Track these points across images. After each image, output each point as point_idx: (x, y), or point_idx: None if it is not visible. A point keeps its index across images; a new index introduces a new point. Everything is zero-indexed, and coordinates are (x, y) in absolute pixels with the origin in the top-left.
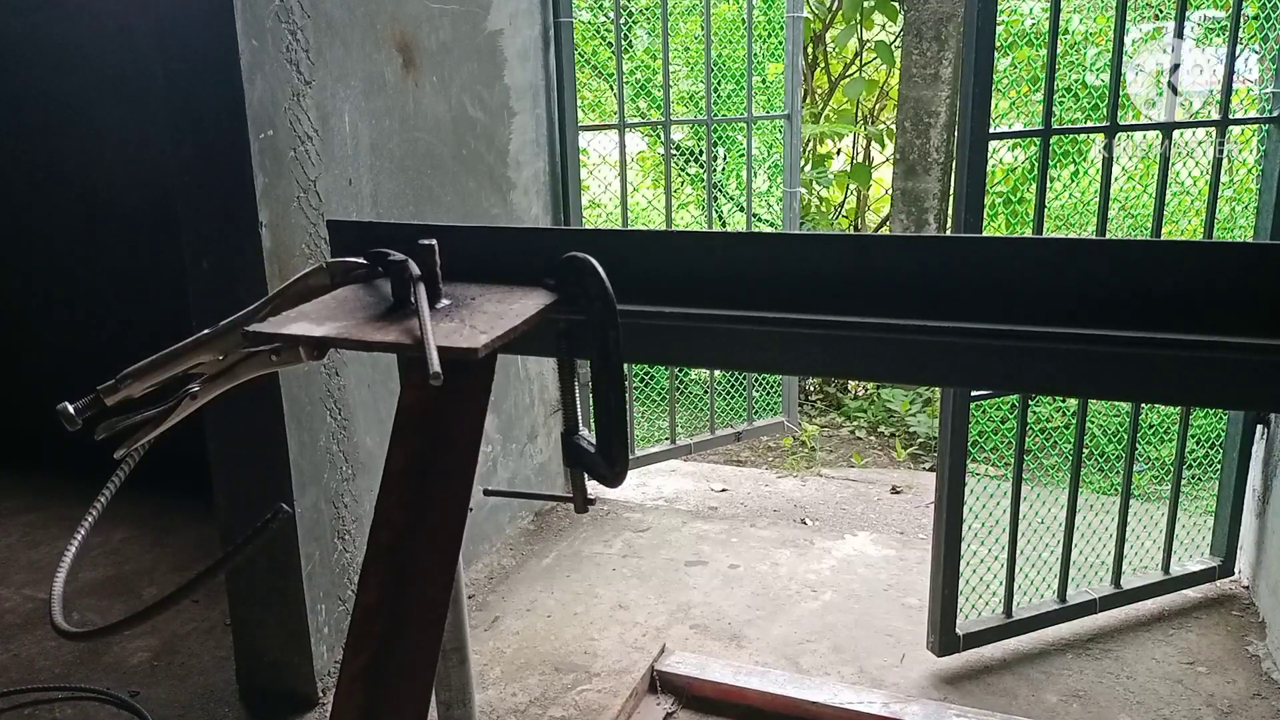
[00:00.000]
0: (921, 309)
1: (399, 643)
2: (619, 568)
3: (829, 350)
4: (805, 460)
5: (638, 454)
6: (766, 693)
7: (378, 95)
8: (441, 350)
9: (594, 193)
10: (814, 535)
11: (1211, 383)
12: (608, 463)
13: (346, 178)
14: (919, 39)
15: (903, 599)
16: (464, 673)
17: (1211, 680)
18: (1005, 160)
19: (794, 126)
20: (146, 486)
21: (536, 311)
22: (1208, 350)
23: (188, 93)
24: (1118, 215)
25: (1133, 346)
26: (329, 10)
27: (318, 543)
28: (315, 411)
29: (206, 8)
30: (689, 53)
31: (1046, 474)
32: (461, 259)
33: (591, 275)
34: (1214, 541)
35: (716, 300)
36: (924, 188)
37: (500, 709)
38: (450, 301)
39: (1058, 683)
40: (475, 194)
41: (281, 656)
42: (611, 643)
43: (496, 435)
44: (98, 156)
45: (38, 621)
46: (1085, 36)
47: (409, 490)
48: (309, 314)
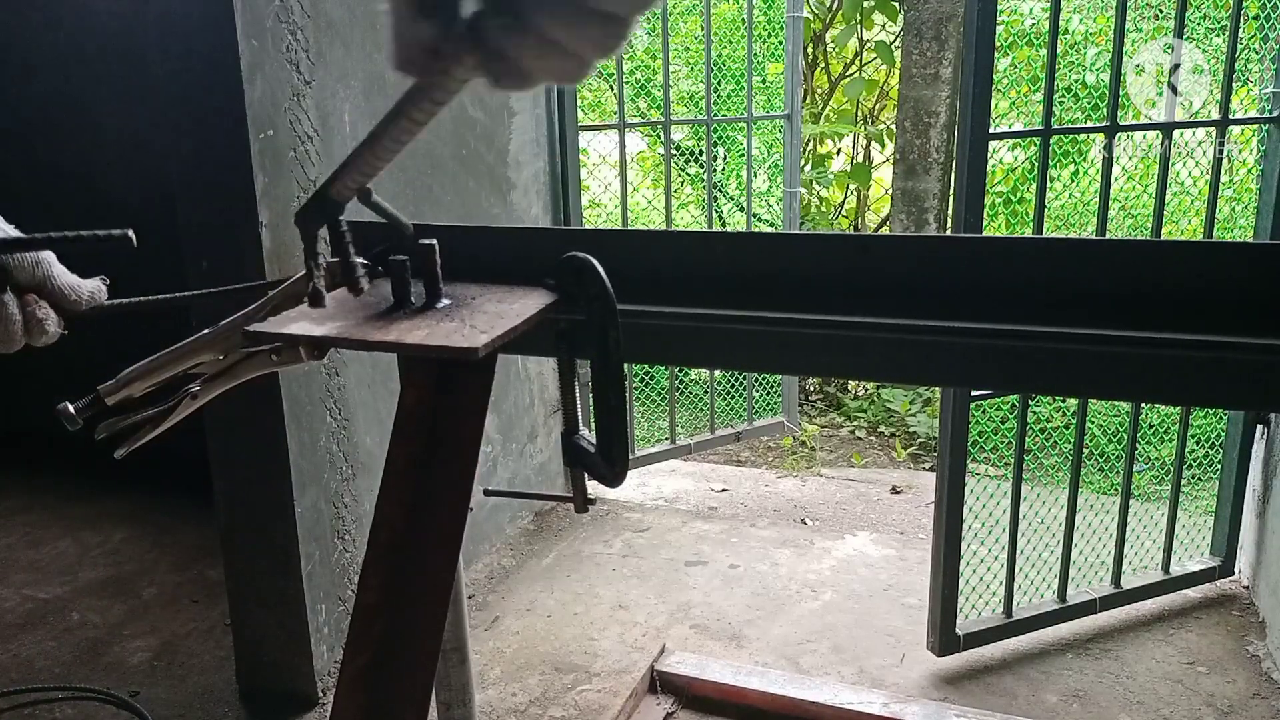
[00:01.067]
0: (922, 309)
1: (399, 643)
2: (619, 568)
3: (829, 350)
4: (805, 460)
5: (638, 454)
6: (767, 693)
7: (378, 95)
8: (441, 350)
9: (594, 193)
10: (814, 535)
11: (1212, 383)
12: (608, 463)
13: None
14: (919, 39)
15: (903, 599)
16: (464, 672)
17: (1211, 680)
18: (1005, 160)
19: (794, 126)
20: (146, 486)
21: (536, 311)
22: (1208, 350)
23: (188, 93)
24: (1118, 215)
25: (1133, 346)
26: (329, 10)
27: (318, 543)
28: (315, 411)
29: (206, 8)
30: (689, 53)
31: (1046, 474)
32: (462, 259)
33: (591, 275)
34: (1214, 541)
35: (717, 300)
36: (924, 188)
37: (500, 709)
38: (450, 301)
39: (1058, 683)
40: (475, 194)
41: (281, 656)
42: (611, 643)
43: (496, 435)
44: (98, 156)
45: (38, 621)
46: (1085, 36)
47: (409, 490)
48: (309, 314)
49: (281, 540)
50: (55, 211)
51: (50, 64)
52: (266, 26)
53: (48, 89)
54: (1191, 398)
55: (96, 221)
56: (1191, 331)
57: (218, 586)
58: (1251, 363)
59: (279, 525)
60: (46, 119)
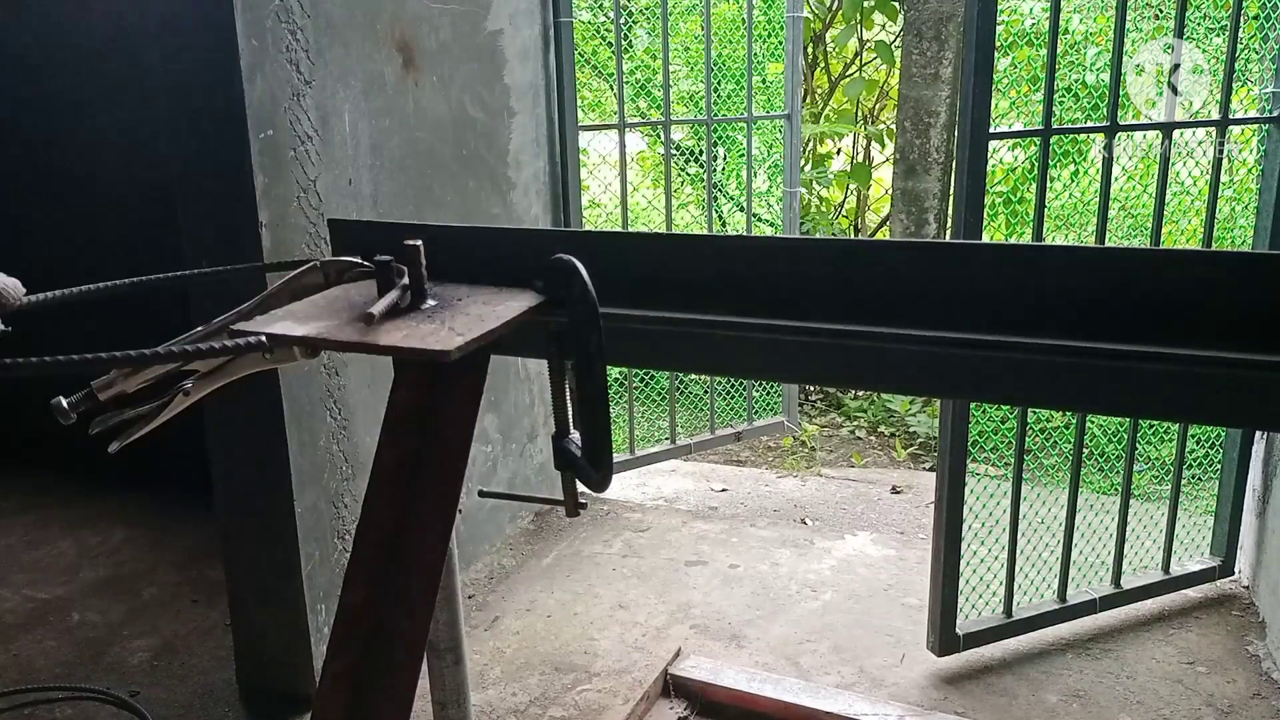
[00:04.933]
0: (911, 317)
1: (384, 642)
2: (619, 568)
3: (817, 358)
4: (805, 460)
5: (638, 454)
6: (781, 700)
7: (378, 95)
8: (414, 352)
9: (594, 193)
10: (814, 535)
11: (1211, 400)
12: (593, 467)
13: (346, 178)
14: (919, 39)
15: (903, 599)
16: (459, 673)
17: (1211, 680)
18: (1005, 160)
19: (794, 126)
20: (146, 486)
21: (518, 314)
22: (1207, 366)
23: (188, 93)
24: (1118, 215)
25: (1129, 361)
26: (329, 10)
27: (318, 543)
28: (315, 411)
29: (206, 8)
30: (689, 53)
31: (1046, 474)
32: (456, 259)
33: (575, 277)
34: (1214, 541)
35: (706, 305)
36: (924, 188)
37: (500, 709)
38: (435, 302)
39: (1058, 682)
40: (475, 194)
41: (281, 656)
42: (611, 643)
43: (496, 435)
44: (98, 156)
45: (38, 621)
46: (1085, 36)
47: (398, 490)
48: (296, 313)
49: (281, 540)
50: (56, 211)
51: (50, 64)
52: (266, 26)
53: (48, 89)
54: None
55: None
56: (1192, 346)
57: (218, 586)
58: (1253, 379)
59: (279, 525)
60: (47, 119)
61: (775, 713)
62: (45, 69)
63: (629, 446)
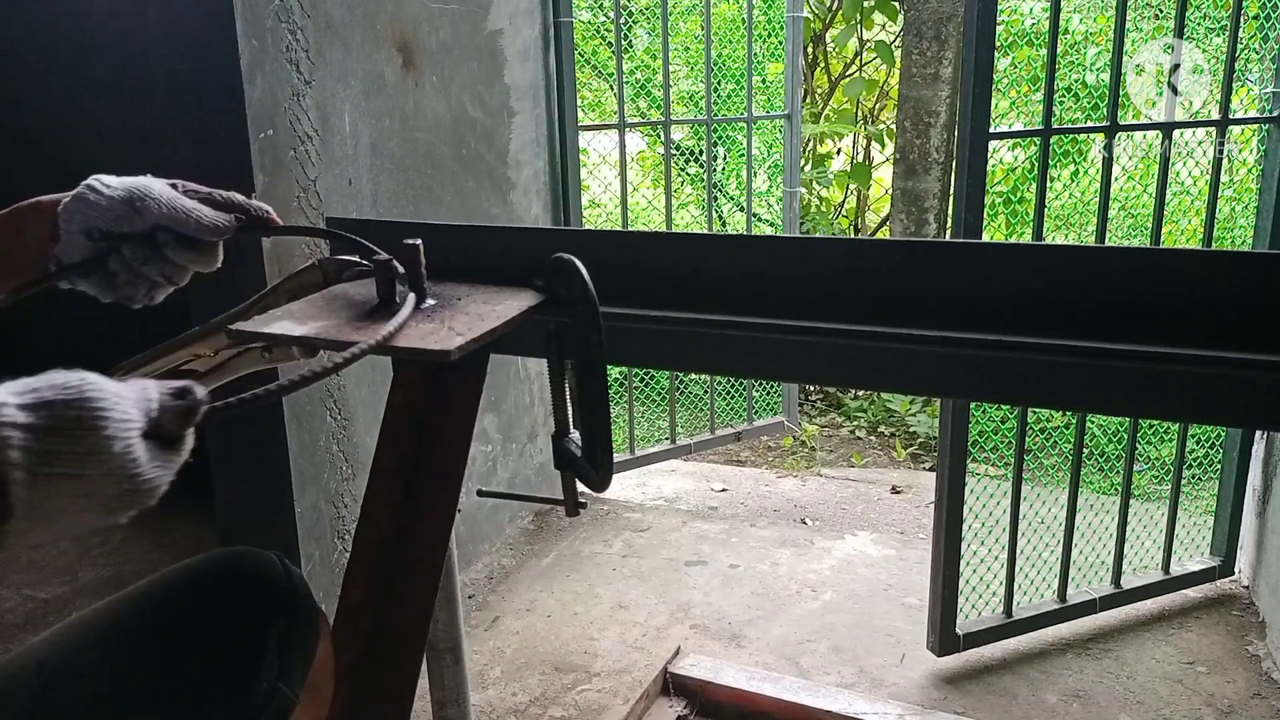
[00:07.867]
0: (914, 317)
1: (384, 642)
2: (619, 568)
3: (817, 358)
4: (805, 460)
5: (637, 454)
6: (782, 700)
7: (378, 95)
8: (414, 352)
9: (594, 193)
10: (814, 535)
11: (1211, 400)
12: (593, 466)
13: (346, 178)
14: (919, 39)
15: (903, 599)
16: (458, 673)
17: (1211, 680)
18: (1005, 160)
19: (794, 126)
20: None
21: (518, 313)
22: (1208, 366)
23: (188, 93)
24: (1118, 215)
25: (1130, 360)
26: (329, 10)
27: (318, 543)
28: (315, 411)
29: (206, 8)
30: (689, 53)
31: (1046, 474)
32: (456, 258)
33: (575, 276)
34: (1214, 541)
35: (707, 304)
36: (924, 188)
37: (500, 709)
38: (435, 302)
39: (1058, 682)
40: (475, 194)
41: None
42: (611, 643)
43: (496, 435)
44: (97, 156)
45: (38, 621)
46: (1085, 36)
47: (397, 489)
48: (294, 312)
49: (281, 540)
50: None
51: (50, 64)
52: (266, 26)
53: (48, 89)
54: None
55: None
56: (1196, 346)
57: None
58: (1255, 380)
59: (279, 525)
60: (47, 119)
61: (775, 711)
62: (45, 69)
63: (629, 446)
